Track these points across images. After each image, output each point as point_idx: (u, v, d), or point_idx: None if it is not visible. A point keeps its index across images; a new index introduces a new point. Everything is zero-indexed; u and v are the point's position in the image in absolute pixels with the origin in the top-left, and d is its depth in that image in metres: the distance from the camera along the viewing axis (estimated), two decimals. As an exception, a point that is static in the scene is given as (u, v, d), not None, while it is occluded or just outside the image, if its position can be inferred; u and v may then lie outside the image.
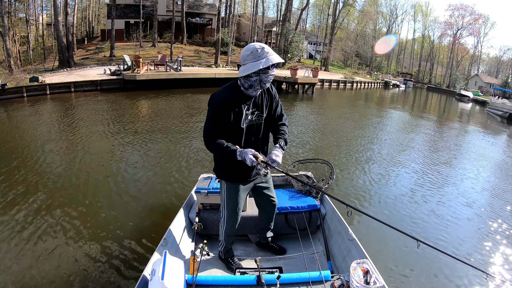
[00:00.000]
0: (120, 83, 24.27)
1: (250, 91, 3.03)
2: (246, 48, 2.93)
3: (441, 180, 8.54)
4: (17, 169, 7.98)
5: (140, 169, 8.22)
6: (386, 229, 5.69)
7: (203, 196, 4.23)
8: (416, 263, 4.77)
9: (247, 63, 2.89)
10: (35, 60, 39.64)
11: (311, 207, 4.32)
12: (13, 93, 19.92)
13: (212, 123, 2.99)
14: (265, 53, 2.85)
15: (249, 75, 2.90)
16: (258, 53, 2.84)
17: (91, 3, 63.59)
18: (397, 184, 8.06)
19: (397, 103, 29.63)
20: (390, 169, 9.16)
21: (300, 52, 48.17)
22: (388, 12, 78.70)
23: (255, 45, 2.88)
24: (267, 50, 2.87)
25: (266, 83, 2.96)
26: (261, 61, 2.81)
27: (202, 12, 54.67)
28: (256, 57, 2.85)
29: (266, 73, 2.90)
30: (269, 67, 2.87)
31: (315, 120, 15.80)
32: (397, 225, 5.73)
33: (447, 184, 8.31)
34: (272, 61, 2.83)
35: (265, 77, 2.91)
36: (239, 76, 3.00)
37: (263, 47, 2.87)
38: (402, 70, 79.17)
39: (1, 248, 4.77)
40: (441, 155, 11.05)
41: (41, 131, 12.11)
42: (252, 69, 2.83)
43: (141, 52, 36.01)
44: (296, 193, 4.68)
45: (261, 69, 2.83)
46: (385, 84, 49.21)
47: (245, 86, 3.01)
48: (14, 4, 37.59)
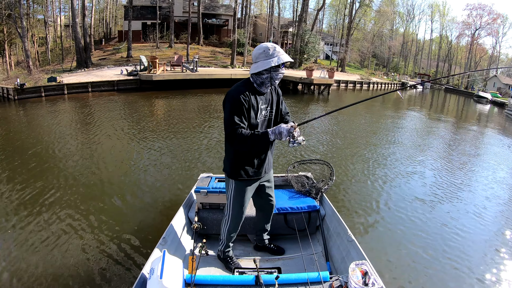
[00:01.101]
0: (137, 83, 24.46)
1: (262, 88, 3.15)
2: (258, 47, 3.07)
3: (455, 186, 8.14)
4: (33, 166, 8.12)
5: (142, 168, 8.26)
6: (385, 231, 5.67)
7: (203, 195, 4.25)
8: (415, 265, 4.72)
9: (259, 61, 3.03)
10: (53, 61, 40.23)
11: (310, 208, 4.29)
12: (32, 92, 20.21)
13: (234, 118, 3.00)
14: (276, 52, 2.99)
15: (260, 72, 3.04)
16: (270, 52, 2.99)
17: (108, 5, 64.28)
18: (409, 189, 7.81)
19: (415, 105, 29.20)
20: (404, 173, 8.91)
21: (317, 53, 47.88)
22: (405, 12, 78.07)
23: (267, 45, 3.04)
24: (278, 49, 3.02)
25: (276, 80, 3.11)
26: (273, 59, 2.96)
27: (218, 13, 54.82)
28: (268, 56, 2.99)
29: (277, 71, 3.05)
30: (279, 66, 3.01)
31: (330, 122, 15.59)
32: (405, 231, 5.72)
33: (461, 191, 7.92)
34: (282, 60, 2.97)
35: (275, 75, 3.06)
36: (251, 73, 3.11)
37: (274, 46, 3.02)
38: (420, 71, 78.28)
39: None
40: (457, 160, 10.61)
41: (57, 129, 12.28)
42: (263, 66, 2.97)
43: (158, 53, 36.25)
44: (295, 194, 4.66)
45: (272, 67, 2.98)
46: (402, 85, 48.52)
47: (257, 83, 3.12)
48: (32, 6, 38.09)
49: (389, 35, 72.41)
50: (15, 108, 17.47)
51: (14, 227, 5.32)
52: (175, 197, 6.47)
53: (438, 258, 4.88)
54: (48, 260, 4.46)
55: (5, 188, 6.90)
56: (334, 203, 4.41)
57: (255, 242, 4.15)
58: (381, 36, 69.07)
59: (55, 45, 49.49)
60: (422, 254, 4.92)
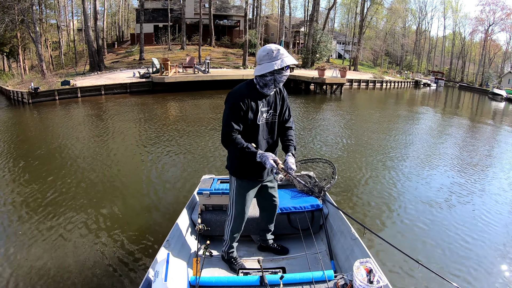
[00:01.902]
0: (149, 85, 24.60)
1: (265, 89, 3.11)
2: (262, 49, 3.03)
3: (463, 186, 7.86)
4: (45, 167, 8.27)
5: (145, 170, 8.31)
6: (389, 229, 5.61)
7: (206, 197, 4.24)
8: (420, 261, 4.61)
9: (263, 63, 2.98)
10: (67, 65, 40.70)
11: (313, 207, 4.28)
12: (46, 96, 20.48)
13: (231, 119, 3.03)
14: (280, 55, 2.94)
15: (264, 74, 3.00)
16: (274, 54, 2.94)
17: (120, 8, 64.87)
18: (415, 188, 7.64)
19: (428, 103, 28.76)
20: (409, 172, 8.71)
21: (329, 52, 47.57)
22: (417, 9, 77.28)
23: (271, 47, 2.99)
24: (282, 52, 2.97)
25: (280, 82, 3.06)
26: (276, 62, 2.91)
27: (230, 14, 54.94)
28: (272, 58, 2.94)
29: (280, 74, 2.99)
30: (283, 68, 2.96)
31: (342, 122, 15.42)
32: (409, 228, 5.63)
33: (470, 192, 7.55)
34: (286, 63, 2.92)
35: (279, 77, 3.00)
36: (255, 74, 3.08)
37: (278, 49, 2.97)
38: (433, 69, 77.25)
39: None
40: (469, 160, 10.22)
41: (68, 131, 12.46)
42: (267, 69, 2.93)
43: (170, 55, 36.41)
44: (298, 193, 4.65)
45: (275, 69, 2.93)
46: (416, 83, 48.05)
47: (260, 85, 3.09)
48: (45, 12, 38.57)
49: (402, 33, 71.77)
50: (29, 111, 17.70)
51: (20, 224, 5.42)
52: (179, 199, 6.46)
53: (442, 255, 4.84)
54: (53, 261, 4.49)
55: (18, 188, 7.04)
56: (337, 202, 4.36)
57: (258, 242, 4.14)
58: (394, 34, 68.48)
59: (69, 49, 50.08)
60: (426, 251, 4.90)
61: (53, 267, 4.37)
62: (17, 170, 8.26)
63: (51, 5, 39.95)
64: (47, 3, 38.07)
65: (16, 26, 30.76)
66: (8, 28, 30.62)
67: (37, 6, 33.28)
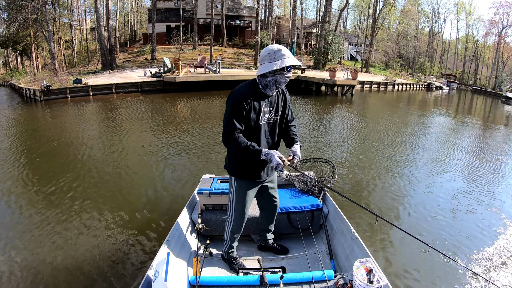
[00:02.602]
0: (160, 85, 24.70)
1: (266, 90, 3.10)
2: (265, 49, 3.03)
3: (479, 194, 7.57)
4: (50, 163, 8.46)
5: (148, 169, 8.32)
6: (389, 228, 5.52)
7: (205, 197, 4.25)
8: (419, 262, 4.68)
9: (264, 63, 3.00)
10: (79, 63, 41.11)
11: (313, 207, 4.28)
12: (58, 94, 20.69)
13: (233, 118, 3.01)
14: (280, 55, 2.94)
15: (265, 74, 3.00)
16: (274, 54, 2.95)
17: (133, 8, 65.34)
18: (417, 187, 7.60)
19: (441, 107, 28.34)
20: (428, 177, 8.56)
21: (340, 54, 47.35)
22: (430, 10, 76.64)
23: (272, 47, 3.00)
24: (284, 52, 2.95)
25: (281, 83, 3.05)
26: (276, 63, 2.91)
27: (242, 14, 55.08)
28: (272, 58, 2.94)
29: (281, 74, 2.98)
30: (284, 69, 2.96)
31: (352, 124, 15.25)
32: (409, 228, 5.55)
33: (484, 199, 7.29)
34: (286, 63, 2.91)
35: (280, 78, 2.99)
36: (257, 74, 3.10)
37: (280, 49, 2.96)
38: (446, 71, 76.49)
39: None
40: (482, 165, 9.95)
41: (81, 128, 12.58)
42: (267, 69, 2.94)
43: (182, 54, 36.55)
44: (298, 193, 4.64)
45: (276, 70, 2.94)
46: (428, 86, 47.55)
47: (262, 85, 3.09)
48: (58, 11, 38.95)
49: (414, 35, 71.17)
50: (41, 108, 17.94)
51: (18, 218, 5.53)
52: (179, 199, 6.46)
53: (442, 255, 4.69)
54: (51, 258, 4.51)
55: (24, 182, 7.18)
56: (337, 201, 4.34)
57: (258, 242, 4.15)
58: (406, 36, 67.93)
59: (82, 47, 50.53)
60: (426, 251, 4.84)
61: (51, 265, 4.39)
62: (19, 165, 8.48)
63: (64, 4, 40.37)
64: (60, 2, 38.48)
65: (29, 24, 31.16)
66: (21, 27, 31.02)
67: (50, 5, 33.64)
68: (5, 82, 40.23)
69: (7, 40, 34.96)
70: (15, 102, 22.11)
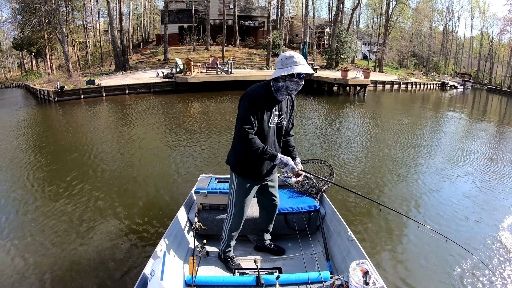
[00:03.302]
0: (172, 85, 24.88)
1: (277, 94, 3.15)
2: (281, 55, 3.09)
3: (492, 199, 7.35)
4: (60, 161, 8.53)
5: (149, 168, 8.34)
6: (385, 229, 5.50)
7: (203, 196, 4.26)
8: (415, 263, 4.65)
9: (277, 68, 3.07)
10: (93, 64, 41.55)
11: (310, 208, 4.29)
12: (71, 94, 20.98)
13: (249, 119, 3.03)
14: (292, 62, 2.99)
15: (277, 79, 3.08)
16: (286, 61, 3.00)
17: (146, 10, 65.79)
18: (416, 188, 7.45)
19: (455, 106, 27.76)
20: (418, 173, 8.47)
21: (353, 53, 47.09)
22: (444, 8, 75.65)
23: (286, 54, 3.05)
24: (296, 59, 3.00)
25: (292, 90, 3.09)
26: (287, 69, 2.97)
27: (254, 15, 55.07)
28: (284, 65, 3.00)
29: (292, 81, 3.03)
30: (295, 76, 3.00)
31: (362, 125, 15.03)
32: (405, 230, 5.50)
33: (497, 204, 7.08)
34: (295, 70, 2.94)
35: (291, 84, 3.04)
36: (271, 78, 3.15)
37: (292, 56, 3.02)
38: (460, 70, 75.50)
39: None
40: (497, 168, 9.49)
41: (89, 128, 12.88)
42: (278, 74, 3.00)
43: (194, 55, 36.69)
44: (295, 194, 4.67)
45: (287, 76, 3.00)
46: (442, 85, 46.87)
47: (274, 88, 3.14)
48: (71, 13, 39.41)
49: (428, 33, 70.35)
50: (55, 109, 18.22)
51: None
52: (176, 198, 6.49)
53: (438, 257, 4.77)
54: (47, 256, 4.55)
55: (34, 179, 7.26)
56: (334, 203, 4.39)
57: (255, 242, 4.15)
58: (420, 35, 67.23)
59: (95, 49, 51.03)
60: (422, 254, 4.83)
61: (46, 262, 4.42)
62: (28, 162, 8.75)
63: (77, 6, 40.82)
64: (73, 5, 38.96)
65: (43, 27, 31.62)
66: (35, 29, 31.49)
67: (64, 8, 34.04)
68: (20, 83, 40.88)
69: (22, 42, 35.57)
70: (30, 103, 22.45)
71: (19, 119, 15.73)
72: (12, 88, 41.22)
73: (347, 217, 5.33)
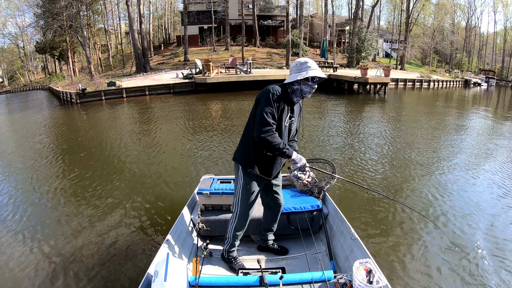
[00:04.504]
0: (192, 86, 25.09)
1: (292, 96, 3.29)
2: (295, 61, 3.29)
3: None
4: (74, 160, 8.68)
5: (154, 168, 8.34)
6: (389, 228, 5.44)
7: (205, 197, 4.27)
8: (419, 261, 4.61)
9: (292, 73, 3.25)
10: (115, 66, 42.19)
11: (313, 207, 4.28)
12: (93, 96, 21.45)
13: (274, 115, 3.12)
14: (306, 67, 3.18)
15: (292, 83, 3.23)
16: (301, 66, 3.20)
17: (166, 12, 66.41)
18: (418, 188, 7.22)
19: (480, 104, 26.55)
20: (421, 173, 8.16)
21: (374, 51, 46.56)
22: (466, 3, 73.99)
23: (300, 60, 3.25)
24: (310, 64, 3.20)
25: (306, 93, 3.25)
26: (302, 73, 3.15)
27: (274, 14, 55.05)
28: (299, 69, 3.20)
29: (307, 85, 3.20)
30: (309, 79, 3.17)
31: (382, 126, 14.64)
32: (406, 228, 5.44)
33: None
34: (309, 74, 3.11)
35: (305, 88, 3.21)
36: (286, 82, 3.28)
37: (306, 61, 3.22)
38: (484, 67, 73.67)
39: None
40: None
41: (113, 129, 13.08)
42: (293, 78, 3.18)
43: (215, 55, 36.92)
44: (298, 193, 4.67)
45: (302, 80, 3.17)
46: (465, 82, 45.89)
47: (290, 91, 3.28)
48: (92, 17, 40.11)
49: (451, 30, 68.97)
50: (77, 110, 18.67)
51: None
52: (179, 198, 6.45)
53: (439, 254, 4.75)
54: (48, 256, 4.60)
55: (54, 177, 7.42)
56: (336, 202, 4.36)
57: (258, 242, 4.16)
58: (442, 31, 65.99)
59: (117, 51, 51.77)
60: (424, 252, 4.80)
61: (48, 262, 4.46)
62: (47, 160, 9.15)
63: (98, 10, 41.51)
64: (94, 8, 39.63)
65: (65, 31, 32.28)
66: (57, 33, 32.16)
67: (85, 11, 34.66)
68: (44, 85, 41.75)
69: (45, 46, 36.38)
70: (53, 104, 22.97)
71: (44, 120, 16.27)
72: (36, 90, 42.26)
73: (349, 216, 5.29)
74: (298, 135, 3.72)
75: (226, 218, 4.02)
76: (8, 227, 5.48)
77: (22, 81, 61.80)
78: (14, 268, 4.37)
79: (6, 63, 66.56)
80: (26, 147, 10.86)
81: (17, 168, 8.74)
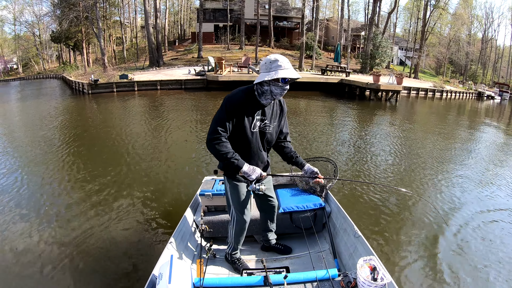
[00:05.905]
0: (204, 83, 25.18)
1: (261, 98, 3.05)
2: (265, 58, 3.00)
3: None
4: (92, 151, 8.81)
5: (156, 169, 8.25)
6: (391, 224, 5.47)
7: (208, 198, 4.25)
8: (423, 257, 4.63)
9: (261, 72, 2.97)
10: (129, 59, 42.52)
11: (316, 206, 4.23)
12: (104, 88, 21.63)
13: (224, 123, 2.97)
14: (276, 66, 2.89)
15: (261, 83, 2.96)
16: (270, 65, 2.90)
17: (182, 8, 66.71)
18: (421, 188, 7.28)
19: (492, 118, 25.94)
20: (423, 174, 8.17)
21: (388, 58, 46.23)
22: (483, 15, 73.29)
23: (270, 57, 2.95)
24: (281, 63, 2.89)
25: (277, 95, 3.00)
26: (270, 73, 2.87)
27: (290, 16, 55.07)
28: (268, 68, 2.91)
29: (277, 86, 2.93)
30: (279, 80, 2.90)
31: (390, 135, 14.53)
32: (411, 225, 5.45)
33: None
34: (279, 75, 2.84)
35: (275, 89, 2.94)
36: (255, 82, 3.03)
37: (277, 59, 2.91)
38: (499, 80, 72.79)
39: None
40: None
41: (122, 120, 13.29)
42: (261, 78, 2.90)
43: (228, 54, 36.96)
44: (300, 192, 4.61)
45: (272, 80, 2.90)
46: (479, 95, 45.33)
47: (258, 92, 3.04)
48: (109, 9, 40.39)
49: (467, 40, 68.39)
50: (88, 101, 18.78)
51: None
52: (184, 200, 6.41)
53: (443, 251, 4.77)
54: (51, 256, 4.56)
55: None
56: (339, 200, 4.36)
57: (261, 242, 4.12)
58: (458, 41, 65.46)
59: (132, 44, 52.07)
60: (428, 247, 4.83)
61: (51, 264, 4.42)
62: (56, 149, 9.28)
63: (114, 3, 41.79)
64: (110, 1, 39.91)
65: (81, 22, 32.55)
66: (73, 24, 32.44)
67: (102, 3, 34.93)
68: (57, 74, 42.16)
69: (60, 35, 36.70)
70: (65, 94, 23.21)
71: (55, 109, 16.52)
72: (50, 79, 42.69)
73: (352, 214, 5.27)
74: (290, 135, 3.53)
75: (229, 219, 3.99)
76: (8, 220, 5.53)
77: (36, 69, 62.49)
78: (16, 268, 4.35)
79: (22, 50, 67.21)
80: (37, 136, 10.94)
81: (27, 159, 8.75)
